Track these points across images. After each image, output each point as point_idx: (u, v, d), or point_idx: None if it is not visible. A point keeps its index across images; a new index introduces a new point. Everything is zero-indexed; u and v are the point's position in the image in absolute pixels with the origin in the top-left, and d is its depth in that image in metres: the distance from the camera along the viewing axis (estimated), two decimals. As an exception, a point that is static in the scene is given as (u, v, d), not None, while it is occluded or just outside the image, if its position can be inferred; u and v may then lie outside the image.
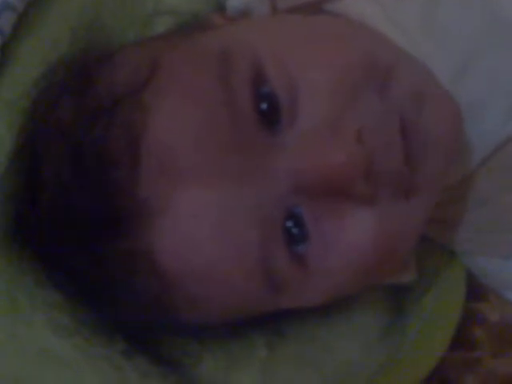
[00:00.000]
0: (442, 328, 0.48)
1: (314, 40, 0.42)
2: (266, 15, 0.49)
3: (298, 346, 0.47)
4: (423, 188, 0.41)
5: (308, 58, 0.41)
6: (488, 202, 0.48)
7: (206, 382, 0.45)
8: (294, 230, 0.40)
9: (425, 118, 0.41)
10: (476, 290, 0.51)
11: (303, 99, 0.40)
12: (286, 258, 0.40)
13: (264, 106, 0.39)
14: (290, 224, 0.40)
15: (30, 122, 0.43)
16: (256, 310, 0.43)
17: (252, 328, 0.45)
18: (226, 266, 0.39)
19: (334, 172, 0.38)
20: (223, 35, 0.44)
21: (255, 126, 0.39)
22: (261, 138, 0.39)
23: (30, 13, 0.49)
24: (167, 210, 0.38)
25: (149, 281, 0.39)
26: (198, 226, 0.39)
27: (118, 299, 0.41)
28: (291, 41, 0.42)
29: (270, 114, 0.39)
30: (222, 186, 0.39)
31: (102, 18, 0.51)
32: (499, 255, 0.50)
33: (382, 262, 0.41)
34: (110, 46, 0.46)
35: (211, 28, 0.46)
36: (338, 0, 0.48)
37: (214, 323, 0.44)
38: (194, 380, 0.45)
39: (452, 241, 0.50)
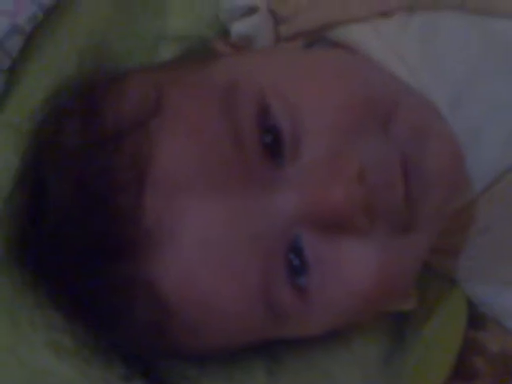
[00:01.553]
0: (442, 357, 0.48)
1: (316, 76, 0.42)
2: (269, 46, 0.50)
3: (297, 373, 0.47)
4: (423, 223, 0.42)
5: (311, 94, 0.41)
6: (488, 230, 0.48)
7: None
8: (295, 262, 0.40)
9: (427, 155, 0.41)
10: (477, 319, 0.51)
11: (306, 134, 0.40)
12: (287, 290, 0.40)
13: (268, 138, 0.40)
14: (291, 256, 0.40)
15: (35, 146, 0.43)
16: (255, 338, 0.43)
17: (252, 354, 0.45)
18: (228, 297, 0.40)
19: (333, 209, 0.39)
20: (228, 67, 0.44)
21: (259, 159, 0.40)
22: (264, 170, 0.40)
23: (37, 35, 0.49)
24: (170, 241, 0.39)
25: (149, 308, 0.39)
26: (200, 257, 0.39)
27: (116, 324, 0.41)
28: (295, 76, 0.42)
29: (274, 146, 0.40)
30: (226, 217, 0.39)
31: (109, 41, 0.51)
32: (499, 284, 0.50)
33: (381, 294, 0.41)
34: (117, 69, 0.47)
35: (216, 56, 0.47)
36: (341, 27, 0.48)
37: (214, 350, 0.44)
38: None
39: (453, 269, 0.50)
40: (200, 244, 0.39)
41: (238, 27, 0.51)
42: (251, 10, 0.50)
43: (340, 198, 0.38)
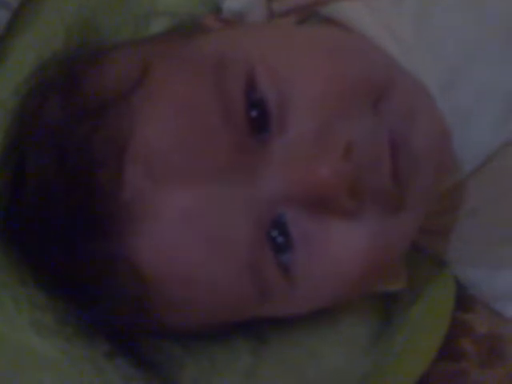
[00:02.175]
0: (429, 338, 0.48)
1: (307, 51, 0.42)
2: (261, 21, 0.49)
3: (282, 352, 0.47)
4: (412, 203, 0.41)
5: (301, 68, 0.40)
6: (477, 212, 0.47)
7: None
8: (279, 239, 0.40)
9: (415, 134, 0.41)
10: (465, 301, 0.50)
11: (293, 109, 0.40)
12: (273, 266, 0.40)
13: (254, 112, 0.39)
14: (275, 233, 0.40)
15: (18, 122, 0.43)
16: (240, 315, 0.43)
17: (236, 334, 0.45)
18: (211, 270, 0.39)
19: (319, 186, 0.38)
20: (218, 40, 0.43)
21: (245, 133, 0.39)
22: (250, 145, 0.39)
23: (24, 10, 0.49)
24: (151, 215, 0.38)
25: (129, 283, 0.39)
26: (182, 230, 0.38)
27: (98, 300, 0.41)
28: (285, 50, 0.42)
29: (260, 121, 0.39)
30: (209, 191, 0.38)
31: (98, 16, 0.51)
32: (488, 266, 0.49)
33: (367, 275, 0.41)
34: (104, 45, 0.46)
35: (206, 31, 0.46)
36: (334, 3, 0.48)
37: (198, 328, 0.43)
38: None
39: (442, 250, 0.50)
40: (182, 219, 0.38)
41: (230, 3, 0.50)
42: (243, -14, 0.50)
43: (325, 175, 0.38)
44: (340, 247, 0.40)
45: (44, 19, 0.49)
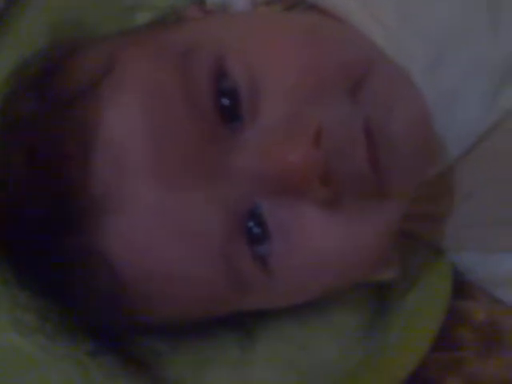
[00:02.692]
0: (426, 327, 0.46)
1: (281, 37, 0.41)
2: (240, 10, 0.48)
3: (271, 345, 0.46)
4: (394, 189, 0.40)
5: (273, 55, 0.40)
6: (473, 195, 0.46)
7: (177, 382, 0.44)
8: (256, 230, 0.39)
9: (393, 121, 0.40)
10: (462, 288, 0.49)
11: (265, 96, 0.39)
12: (248, 258, 0.39)
13: (225, 101, 0.39)
14: (250, 224, 0.39)
15: None
16: (220, 309, 0.42)
17: (223, 328, 0.45)
18: (186, 265, 0.39)
19: (289, 172, 0.37)
20: (191, 30, 0.43)
21: (216, 122, 0.38)
22: (221, 135, 0.39)
23: (10, 12, 0.49)
24: (119, 208, 0.38)
25: (104, 279, 0.39)
26: (153, 224, 0.38)
27: (75, 297, 0.40)
28: (259, 37, 0.41)
29: (231, 109, 0.39)
30: (180, 182, 0.38)
31: (84, 12, 0.51)
32: (485, 250, 0.48)
33: (350, 265, 0.40)
34: (82, 39, 0.46)
35: (183, 21, 0.46)
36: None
37: (181, 323, 0.43)
38: (163, 381, 0.44)
39: (437, 236, 0.49)
40: (151, 212, 0.38)
41: (214, -7, 0.50)
42: (226, -25, 0.49)
43: (295, 161, 0.37)
44: (318, 237, 0.39)
45: (27, 17, 0.49)
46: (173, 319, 0.42)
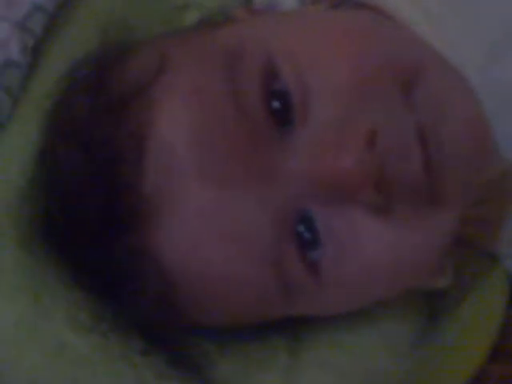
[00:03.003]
0: (480, 338, 0.45)
1: (332, 37, 0.40)
2: (288, 10, 0.48)
3: (320, 352, 0.45)
4: (448, 195, 0.39)
5: (324, 56, 0.39)
6: None
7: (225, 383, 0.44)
8: (306, 235, 0.38)
9: (448, 125, 0.38)
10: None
11: (315, 98, 0.38)
12: (298, 263, 0.38)
13: (276, 104, 0.38)
14: (301, 228, 0.38)
15: (50, 120, 0.44)
16: (269, 314, 0.42)
17: (272, 332, 0.44)
18: (235, 267, 0.38)
19: (342, 177, 0.36)
20: (239, 31, 0.42)
21: (265, 126, 0.38)
22: (271, 137, 0.38)
23: (60, 14, 0.49)
24: (172, 209, 0.38)
25: (154, 280, 0.39)
26: (203, 225, 0.38)
27: (126, 296, 0.40)
28: (309, 37, 0.40)
29: (282, 112, 0.38)
30: (231, 184, 0.37)
31: (132, 14, 0.51)
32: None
33: (401, 273, 0.39)
34: (133, 41, 0.46)
35: (232, 22, 0.45)
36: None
37: (230, 325, 0.43)
38: (211, 381, 0.44)
39: (492, 243, 0.47)
40: (200, 214, 0.38)
41: (261, -7, 0.49)
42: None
43: (348, 165, 0.36)
44: (369, 244, 0.38)
45: (78, 21, 0.49)
46: (222, 321, 0.42)
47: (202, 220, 0.38)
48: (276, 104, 0.38)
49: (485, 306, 0.46)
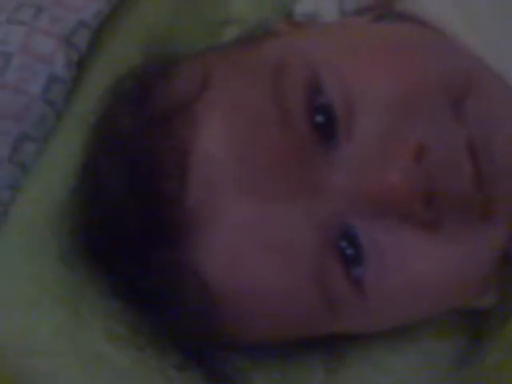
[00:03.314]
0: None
1: (377, 52, 0.39)
2: (330, 22, 0.47)
3: (358, 370, 0.44)
4: (498, 211, 0.38)
5: (368, 70, 0.38)
6: None
7: None
8: (349, 251, 0.38)
9: (499, 141, 0.38)
10: None
11: (361, 112, 0.38)
12: (342, 279, 0.38)
13: (320, 118, 0.38)
14: (343, 244, 0.38)
15: (95, 134, 0.44)
16: (310, 331, 0.41)
17: (309, 350, 0.43)
18: (279, 282, 0.38)
19: (389, 193, 0.36)
20: (281, 45, 0.42)
21: (309, 140, 0.38)
22: (315, 151, 0.38)
23: (104, 30, 0.50)
24: (214, 223, 0.38)
25: (195, 295, 0.39)
26: (245, 240, 0.38)
27: (166, 310, 0.40)
28: (352, 51, 0.40)
29: (326, 126, 0.38)
30: (273, 199, 0.37)
31: (175, 31, 0.51)
32: None
33: (448, 292, 0.39)
34: (175, 56, 0.47)
35: (273, 36, 0.45)
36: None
37: (267, 342, 0.42)
38: None
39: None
40: (244, 229, 0.37)
41: (301, 7, 0.49)
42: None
43: (394, 181, 0.35)
44: (416, 261, 0.37)
45: (122, 37, 0.50)
46: (261, 337, 0.41)
47: (244, 234, 0.38)
48: (319, 118, 0.38)
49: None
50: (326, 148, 0.38)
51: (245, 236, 0.38)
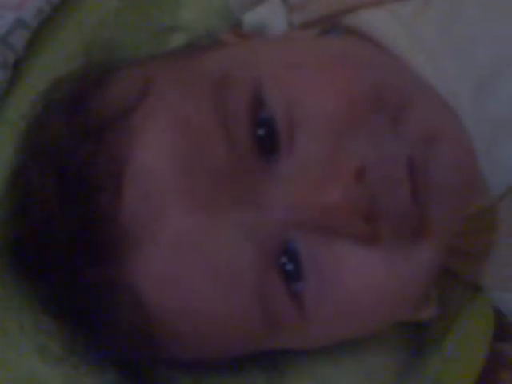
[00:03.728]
0: (465, 371, 0.44)
1: (319, 66, 0.39)
2: (277, 35, 0.47)
3: None
4: (434, 229, 0.38)
5: (311, 85, 0.38)
6: None
7: None
8: (289, 267, 0.38)
9: (436, 159, 0.38)
10: (504, 330, 0.47)
11: (303, 127, 0.38)
12: (282, 294, 0.38)
13: (261, 131, 0.37)
14: (284, 260, 0.38)
15: (25, 142, 0.42)
16: (250, 347, 0.41)
17: (251, 364, 0.43)
18: (214, 300, 0.37)
19: (329, 210, 0.36)
20: (226, 57, 0.42)
21: (250, 153, 0.37)
22: (256, 165, 0.37)
23: (44, 30, 0.48)
24: (148, 241, 0.37)
25: (131, 313, 0.38)
26: (181, 258, 0.37)
27: (100, 328, 0.39)
28: (297, 65, 0.40)
29: (268, 140, 0.37)
30: (210, 214, 0.36)
31: (118, 34, 0.50)
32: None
33: (387, 306, 0.39)
34: (115, 63, 0.45)
35: (219, 46, 0.45)
36: (354, 13, 0.45)
37: (208, 359, 0.41)
38: None
39: (478, 275, 0.47)
40: (180, 246, 0.36)
41: (249, 17, 0.49)
42: (262, -1, 0.48)
43: (335, 199, 0.36)
44: (354, 276, 0.37)
45: (62, 39, 0.48)
46: (200, 355, 0.41)
47: (181, 251, 0.37)
48: (261, 131, 0.37)
49: (470, 337, 0.45)
50: (267, 162, 0.38)
51: (181, 254, 0.37)
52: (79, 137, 0.38)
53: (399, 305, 0.39)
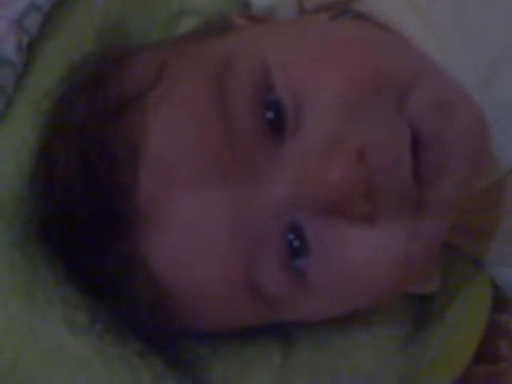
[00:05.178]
0: (466, 340, 0.46)
1: (326, 49, 0.40)
2: (287, 19, 0.48)
3: (312, 353, 0.46)
4: (438, 206, 0.39)
5: (317, 69, 0.39)
6: None
7: None
8: (295, 243, 0.39)
9: (452, 123, 0.39)
10: (502, 302, 0.49)
11: (308, 110, 0.39)
12: (279, 273, 0.39)
13: (270, 114, 0.38)
14: (291, 236, 0.39)
15: (49, 122, 0.43)
16: (257, 321, 0.42)
17: (265, 335, 0.45)
18: (210, 282, 0.39)
19: (331, 190, 0.37)
20: (235, 39, 0.43)
21: (256, 135, 0.38)
22: (262, 147, 0.38)
23: (56, 13, 0.49)
24: (162, 218, 0.38)
25: (147, 285, 0.39)
26: (186, 239, 0.38)
27: (121, 300, 0.41)
28: (305, 49, 0.41)
29: (276, 122, 0.39)
30: (217, 198, 0.38)
31: (127, 18, 0.50)
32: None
33: (391, 282, 0.40)
34: (133, 46, 0.46)
35: (229, 30, 0.46)
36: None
37: (221, 329, 0.43)
38: (207, 382, 0.44)
39: (478, 250, 0.48)
40: (189, 226, 0.38)
41: (259, 1, 0.50)
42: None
43: (337, 178, 0.37)
44: (356, 254, 0.39)
45: (75, 23, 0.49)
46: (211, 326, 0.43)
47: (185, 233, 0.38)
48: (270, 114, 0.38)
49: (470, 309, 0.47)
50: (275, 143, 0.39)
51: (185, 234, 0.38)
52: (100, 117, 0.40)
53: (402, 280, 0.41)
